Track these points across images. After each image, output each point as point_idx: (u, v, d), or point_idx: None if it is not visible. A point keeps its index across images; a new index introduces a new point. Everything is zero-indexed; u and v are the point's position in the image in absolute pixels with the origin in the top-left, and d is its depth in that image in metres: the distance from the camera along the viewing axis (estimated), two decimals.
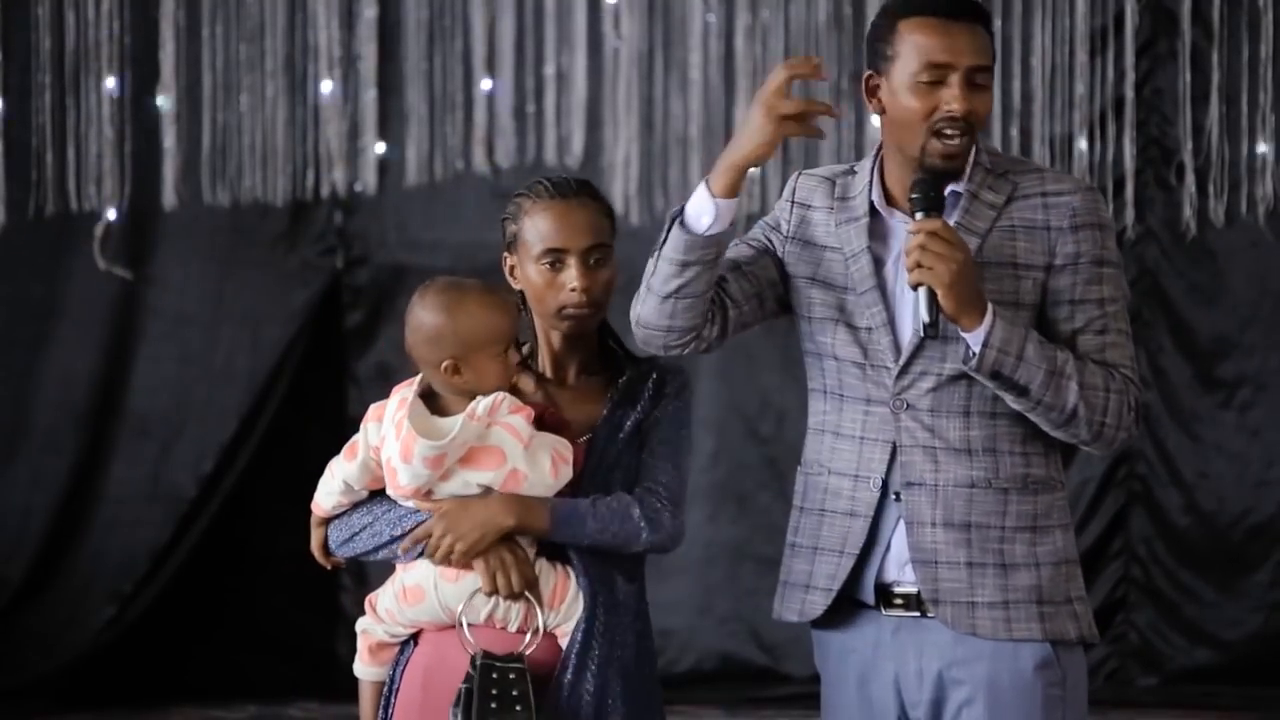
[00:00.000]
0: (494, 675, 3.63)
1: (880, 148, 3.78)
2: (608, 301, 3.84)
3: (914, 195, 3.62)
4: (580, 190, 3.84)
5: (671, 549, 3.82)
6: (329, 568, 3.94)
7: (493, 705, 3.59)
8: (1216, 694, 8.15)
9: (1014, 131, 8.07)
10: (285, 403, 8.62)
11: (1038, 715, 3.68)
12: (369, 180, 8.49)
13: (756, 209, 7.80)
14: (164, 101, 8.38)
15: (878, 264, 3.72)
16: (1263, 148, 8.00)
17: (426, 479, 3.70)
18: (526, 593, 3.71)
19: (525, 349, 3.87)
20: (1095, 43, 8.14)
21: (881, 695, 3.76)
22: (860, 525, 3.72)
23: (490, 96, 8.40)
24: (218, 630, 8.59)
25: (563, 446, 3.77)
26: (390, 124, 8.49)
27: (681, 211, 3.61)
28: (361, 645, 3.88)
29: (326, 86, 8.42)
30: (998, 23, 8.09)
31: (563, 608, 3.74)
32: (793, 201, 3.82)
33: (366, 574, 8.02)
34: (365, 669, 3.89)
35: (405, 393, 3.78)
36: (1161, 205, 8.23)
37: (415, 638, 3.83)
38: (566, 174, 3.93)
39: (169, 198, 8.42)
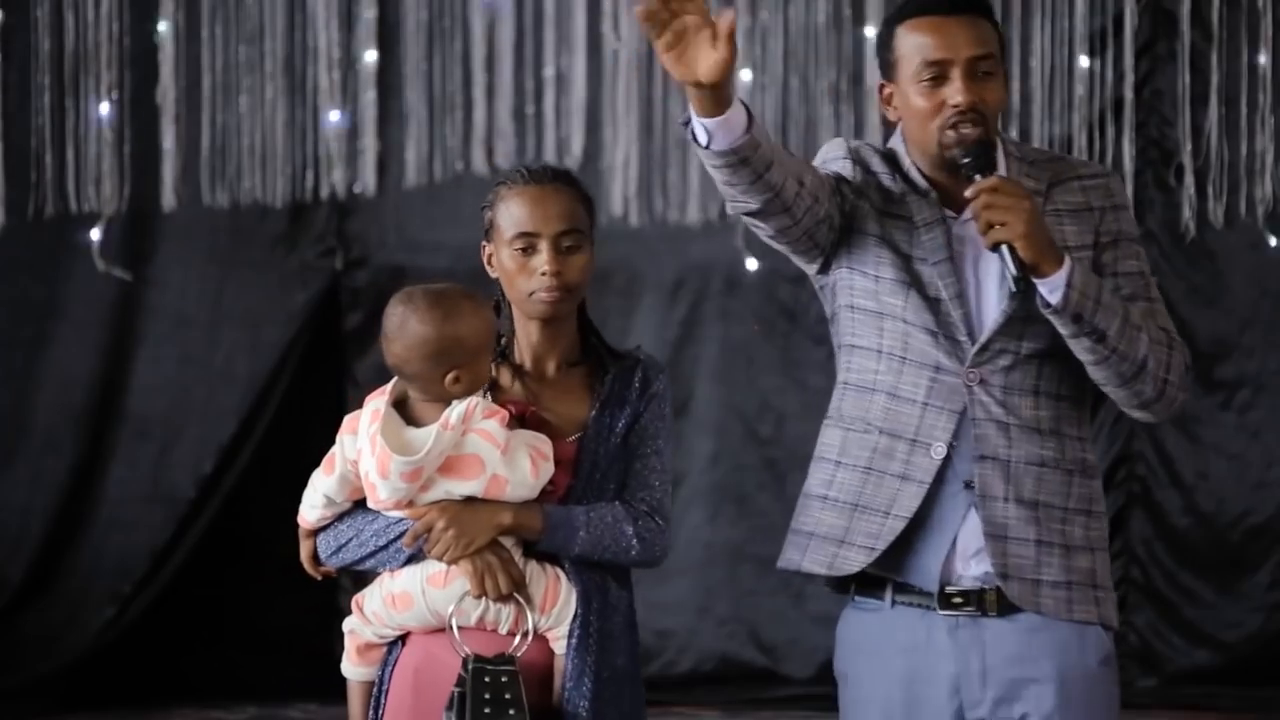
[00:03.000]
0: (486, 678, 3.61)
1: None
2: (581, 288, 3.79)
3: (965, 160, 3.64)
4: (556, 177, 3.82)
5: (656, 566, 3.82)
6: (319, 578, 3.93)
7: (486, 710, 3.59)
8: (1216, 695, 8.15)
9: (1014, 132, 8.05)
10: (285, 403, 8.61)
11: (1102, 708, 3.75)
12: (368, 181, 8.49)
13: None
14: (163, 102, 8.39)
15: (949, 237, 3.72)
16: (1262, 148, 8.00)
17: (406, 492, 3.68)
18: (516, 594, 3.69)
19: (503, 341, 3.82)
20: (1094, 44, 8.13)
21: (934, 695, 3.74)
22: (914, 490, 3.70)
23: (490, 97, 8.40)
24: (218, 630, 8.58)
25: (541, 443, 3.72)
26: (390, 124, 8.49)
27: (693, 133, 3.56)
28: (350, 645, 3.86)
29: (326, 88, 8.42)
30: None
31: (554, 611, 3.71)
32: (852, 160, 3.79)
33: (366, 575, 8.01)
34: (354, 669, 3.87)
35: (378, 403, 3.72)
36: (1161, 206, 8.22)
37: (403, 637, 3.82)
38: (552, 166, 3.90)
39: (168, 199, 8.41)
